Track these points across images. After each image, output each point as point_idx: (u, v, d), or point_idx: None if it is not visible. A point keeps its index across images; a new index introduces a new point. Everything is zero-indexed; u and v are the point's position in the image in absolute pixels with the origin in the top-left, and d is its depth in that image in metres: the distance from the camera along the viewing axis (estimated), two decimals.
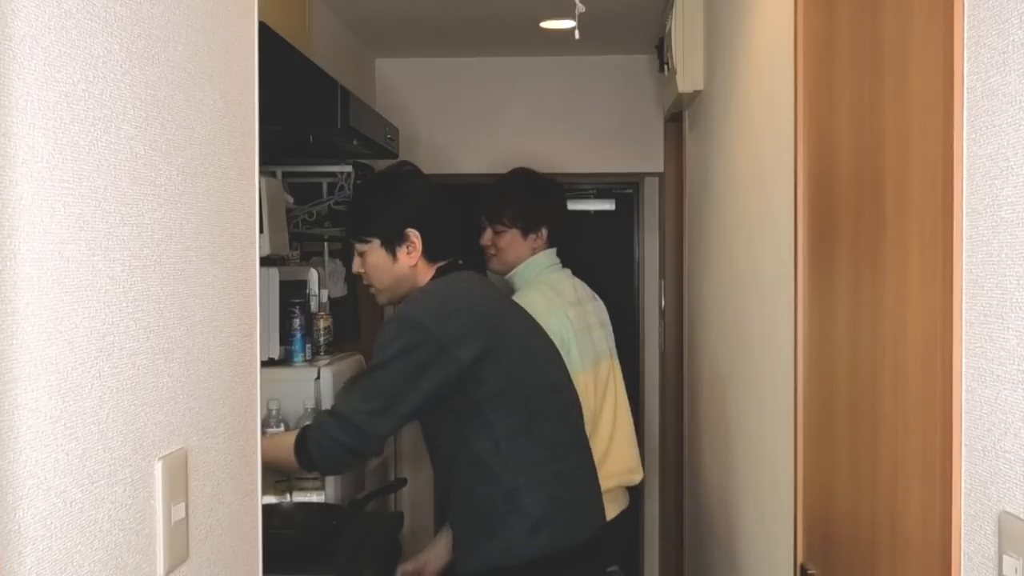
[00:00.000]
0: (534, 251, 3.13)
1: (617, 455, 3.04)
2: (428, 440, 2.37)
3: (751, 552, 2.46)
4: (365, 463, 2.32)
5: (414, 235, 2.38)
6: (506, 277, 3.18)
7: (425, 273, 2.41)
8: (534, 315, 2.64)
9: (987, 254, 1.04)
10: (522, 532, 2.22)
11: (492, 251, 3.16)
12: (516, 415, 2.25)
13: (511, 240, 3.13)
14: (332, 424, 2.21)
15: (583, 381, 2.90)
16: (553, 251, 3.19)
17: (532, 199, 3.16)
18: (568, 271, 3.21)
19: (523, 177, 3.26)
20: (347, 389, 2.31)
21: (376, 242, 2.39)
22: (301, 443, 2.25)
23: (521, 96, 4.80)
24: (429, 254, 2.40)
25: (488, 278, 2.63)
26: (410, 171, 2.52)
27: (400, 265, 2.40)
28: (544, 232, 3.14)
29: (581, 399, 2.58)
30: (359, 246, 2.42)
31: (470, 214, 2.88)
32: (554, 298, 2.99)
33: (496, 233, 3.14)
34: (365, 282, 2.48)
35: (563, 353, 2.69)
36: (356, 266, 2.46)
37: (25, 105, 0.79)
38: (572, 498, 2.31)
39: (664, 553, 4.80)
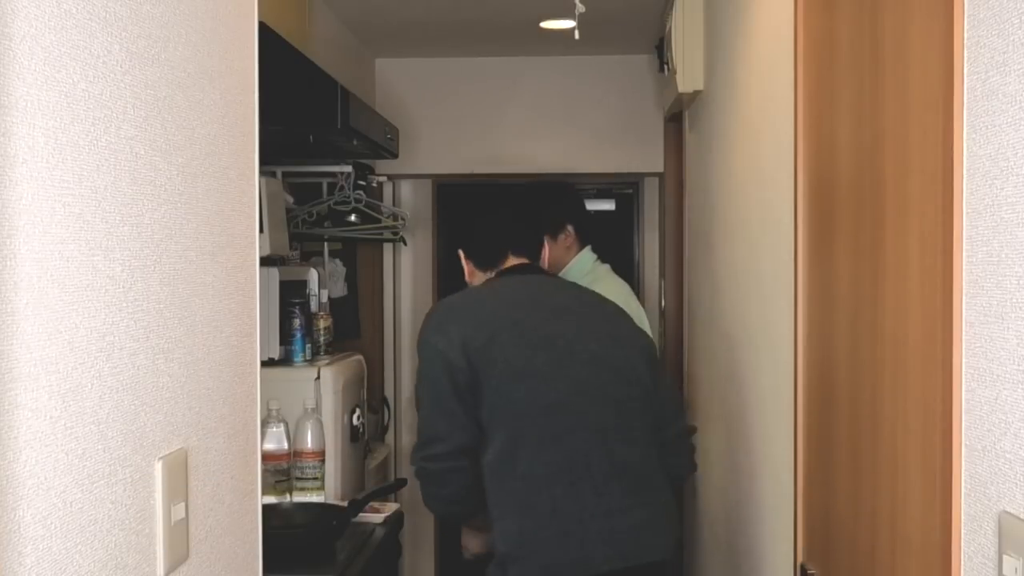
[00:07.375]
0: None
1: None
2: None
3: (751, 552, 2.46)
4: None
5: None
6: None
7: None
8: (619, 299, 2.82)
9: (987, 254, 1.04)
10: (494, 566, 2.17)
11: None
12: (502, 439, 2.15)
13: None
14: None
15: None
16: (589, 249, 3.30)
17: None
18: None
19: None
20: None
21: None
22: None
23: (521, 96, 4.80)
24: (477, 262, 2.51)
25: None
26: None
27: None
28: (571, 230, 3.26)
29: None
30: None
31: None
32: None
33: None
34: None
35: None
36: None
37: (25, 105, 0.79)
38: (547, 534, 2.10)
39: None
